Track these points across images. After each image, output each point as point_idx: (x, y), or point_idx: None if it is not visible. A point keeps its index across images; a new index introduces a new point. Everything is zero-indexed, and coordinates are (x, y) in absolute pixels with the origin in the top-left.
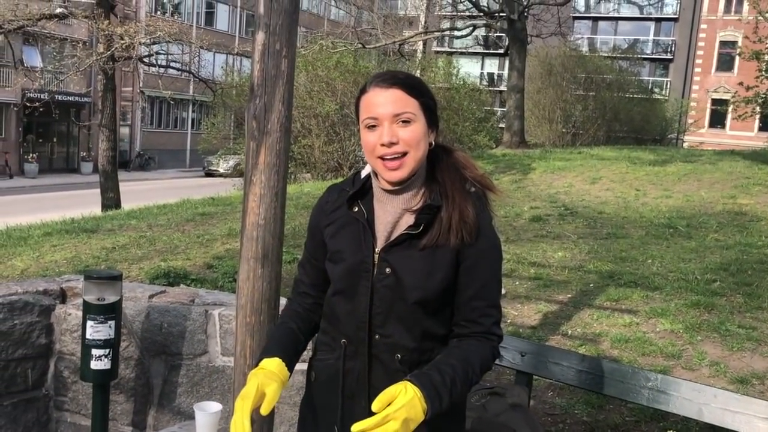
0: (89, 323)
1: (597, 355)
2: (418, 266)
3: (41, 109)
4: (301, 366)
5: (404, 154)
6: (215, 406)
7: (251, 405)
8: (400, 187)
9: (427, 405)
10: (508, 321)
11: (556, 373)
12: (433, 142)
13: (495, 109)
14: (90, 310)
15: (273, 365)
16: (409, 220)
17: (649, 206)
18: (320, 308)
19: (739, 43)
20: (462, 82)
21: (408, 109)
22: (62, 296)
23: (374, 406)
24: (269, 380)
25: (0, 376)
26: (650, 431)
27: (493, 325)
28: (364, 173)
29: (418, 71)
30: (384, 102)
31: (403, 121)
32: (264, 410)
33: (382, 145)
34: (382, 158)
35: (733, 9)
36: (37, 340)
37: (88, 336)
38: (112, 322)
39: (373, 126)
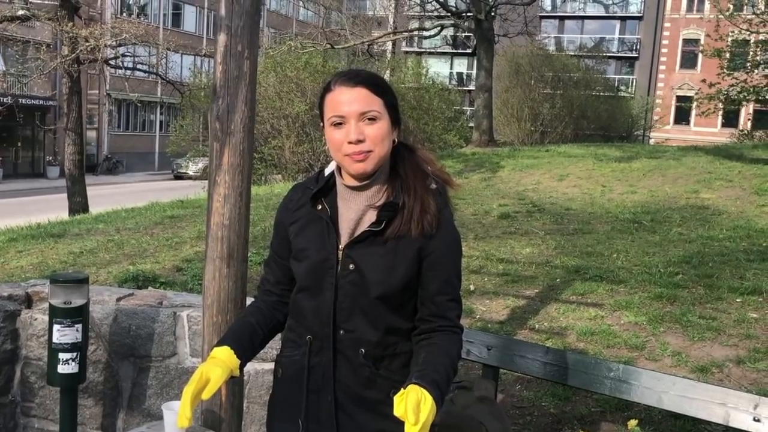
0: (56, 327)
1: (563, 348)
2: (380, 262)
3: (5, 113)
4: (270, 366)
5: (370, 151)
6: None
7: (191, 390)
8: (364, 183)
9: (436, 402)
10: (477, 317)
11: (522, 366)
12: (396, 140)
13: (464, 108)
14: (56, 314)
15: (221, 353)
16: (372, 216)
17: (615, 202)
18: (284, 306)
19: (702, 41)
20: (431, 82)
21: (373, 108)
22: (28, 301)
23: (400, 413)
24: (214, 366)
25: None
26: (615, 421)
27: (457, 317)
28: (327, 171)
29: (388, 71)
30: (350, 100)
31: (369, 119)
32: (205, 395)
33: (350, 143)
34: (348, 155)
35: (695, 8)
36: (2, 346)
37: (54, 340)
38: (79, 326)
39: (340, 124)
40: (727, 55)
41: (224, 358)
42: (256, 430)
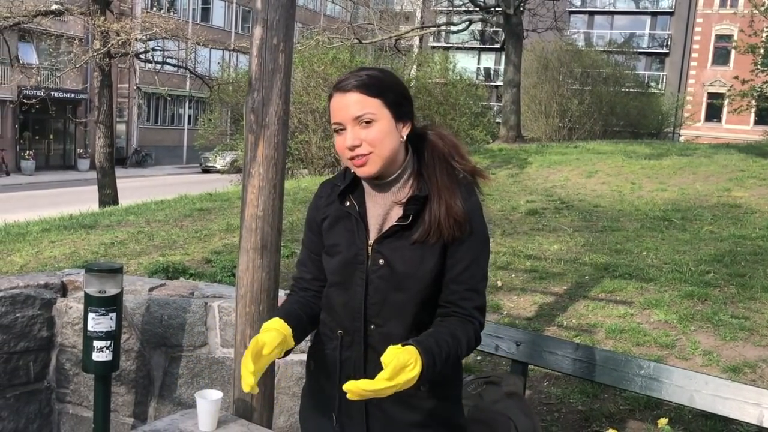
0: (90, 315)
1: (592, 345)
2: (409, 256)
3: (37, 107)
4: (300, 357)
5: (369, 153)
6: (216, 394)
7: (248, 354)
8: (383, 181)
9: (422, 373)
10: (504, 312)
11: (551, 362)
12: (404, 136)
13: (491, 104)
14: (91, 303)
15: (272, 323)
16: (398, 212)
17: (645, 199)
18: (320, 300)
19: (735, 37)
20: (458, 77)
21: (367, 110)
22: (63, 290)
23: (385, 362)
24: (265, 332)
25: (2, 368)
26: (644, 419)
27: (474, 309)
28: None
29: (415, 66)
30: (344, 106)
31: (366, 122)
32: (266, 350)
33: (348, 148)
34: (350, 159)
35: (728, 3)
36: (38, 333)
37: (89, 328)
38: (113, 314)
39: (341, 130)
40: (762, 51)
41: (276, 326)
42: (285, 420)
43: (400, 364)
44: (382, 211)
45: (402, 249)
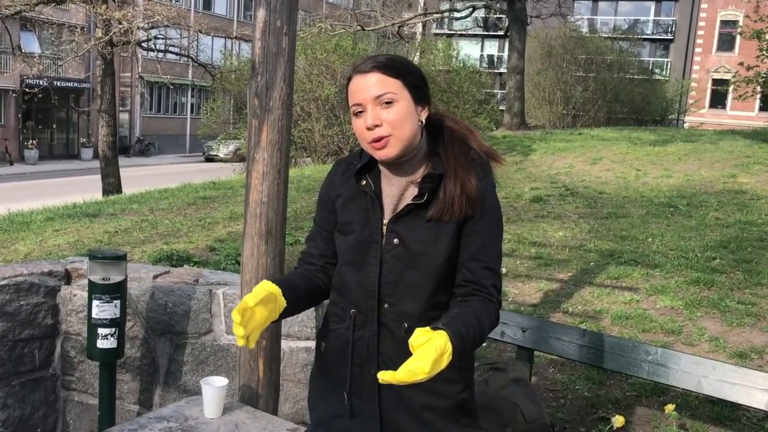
0: (95, 302)
1: (598, 331)
2: (424, 235)
3: (40, 96)
4: (305, 344)
5: (389, 135)
6: (221, 381)
7: (237, 309)
8: (399, 161)
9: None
10: (510, 299)
11: (557, 348)
12: (423, 120)
13: (495, 91)
14: (95, 290)
15: (260, 285)
16: (413, 191)
17: (650, 186)
18: (325, 276)
19: (740, 23)
20: (462, 65)
21: (388, 90)
22: (67, 277)
23: (418, 343)
24: (253, 291)
25: (8, 356)
26: (650, 405)
27: (492, 287)
28: None
29: (418, 54)
30: (364, 87)
31: (386, 103)
32: (250, 303)
33: (368, 128)
34: (369, 142)
35: None
36: (43, 321)
37: (94, 315)
38: (117, 302)
39: (360, 112)
40: (767, 36)
41: (264, 286)
42: (290, 407)
43: (439, 353)
44: (396, 191)
45: (417, 228)
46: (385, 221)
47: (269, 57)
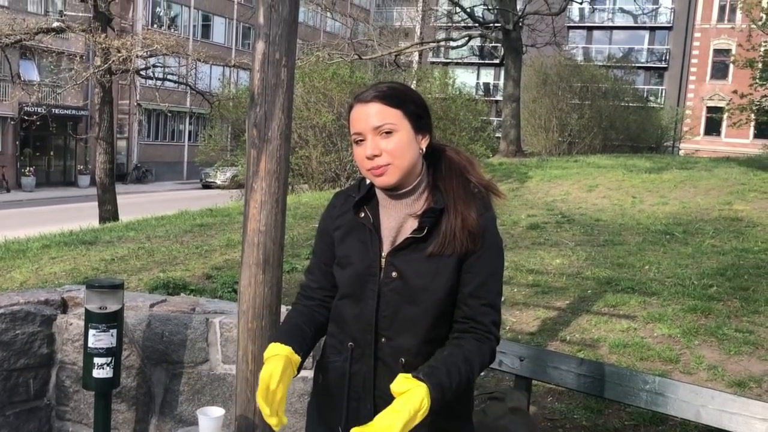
0: (91, 332)
1: (596, 360)
2: (423, 269)
3: (38, 123)
4: (303, 374)
5: (388, 164)
6: (218, 411)
7: (260, 392)
8: (400, 192)
9: (429, 405)
10: (507, 327)
11: (555, 377)
12: (423, 148)
13: (491, 118)
14: (92, 319)
15: (272, 349)
16: (413, 224)
17: (646, 213)
18: (325, 309)
19: (733, 51)
20: (458, 92)
21: (388, 120)
22: (63, 306)
23: (398, 390)
24: (267, 363)
25: (2, 386)
26: None
27: (491, 324)
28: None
29: (414, 82)
30: (365, 116)
31: (386, 132)
32: (272, 384)
33: (367, 158)
34: (369, 170)
35: (726, 17)
36: (38, 350)
37: (90, 345)
38: (114, 331)
39: (360, 141)
40: (760, 65)
41: (274, 351)
42: None
43: (413, 413)
44: (396, 223)
45: (416, 262)
46: (384, 254)
47: (268, 88)
